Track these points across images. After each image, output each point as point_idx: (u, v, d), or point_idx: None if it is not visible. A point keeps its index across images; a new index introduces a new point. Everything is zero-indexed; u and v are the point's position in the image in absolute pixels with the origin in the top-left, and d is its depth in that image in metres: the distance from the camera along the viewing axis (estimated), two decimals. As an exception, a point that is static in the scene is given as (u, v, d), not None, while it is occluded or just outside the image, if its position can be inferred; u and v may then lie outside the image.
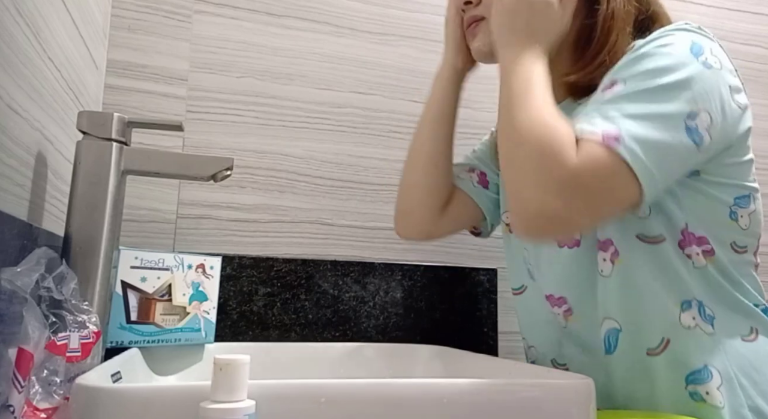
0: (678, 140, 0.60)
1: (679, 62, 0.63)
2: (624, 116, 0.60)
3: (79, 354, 0.54)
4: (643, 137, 0.59)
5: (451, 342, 0.98)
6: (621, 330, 0.69)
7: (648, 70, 0.63)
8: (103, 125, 0.67)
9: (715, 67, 0.64)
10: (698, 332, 0.66)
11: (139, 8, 0.99)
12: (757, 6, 1.35)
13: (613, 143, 0.58)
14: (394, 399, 0.48)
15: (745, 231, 0.69)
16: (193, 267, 0.78)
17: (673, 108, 0.60)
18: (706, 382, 0.64)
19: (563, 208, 0.59)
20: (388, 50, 1.11)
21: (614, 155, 0.58)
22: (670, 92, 0.61)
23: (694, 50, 0.64)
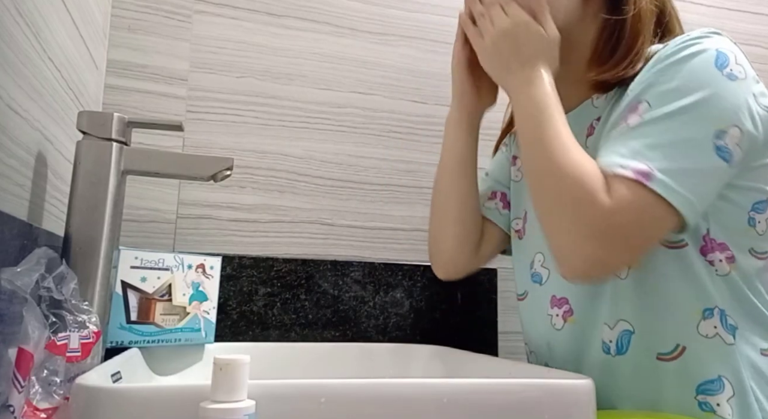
0: (708, 162, 0.60)
1: (703, 80, 0.62)
2: (651, 148, 0.60)
3: (79, 354, 0.54)
4: (674, 168, 0.59)
5: (451, 342, 0.98)
6: (634, 332, 0.68)
7: (671, 90, 0.62)
8: (103, 125, 0.67)
9: (740, 78, 0.63)
10: (717, 341, 0.65)
11: (139, 8, 0.99)
12: (757, 6, 1.35)
13: (644, 179, 0.58)
14: (394, 399, 0.48)
15: (762, 236, 0.68)
16: (193, 267, 0.78)
17: (700, 131, 0.60)
18: (718, 393, 0.64)
19: (602, 251, 0.59)
20: (388, 50, 1.11)
21: (648, 192, 0.58)
22: (695, 114, 0.61)
23: (718, 63, 0.63)
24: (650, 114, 0.62)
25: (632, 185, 0.59)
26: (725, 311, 0.66)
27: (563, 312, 0.75)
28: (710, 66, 0.63)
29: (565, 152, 0.63)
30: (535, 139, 0.65)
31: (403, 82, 1.10)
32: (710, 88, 0.62)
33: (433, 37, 1.13)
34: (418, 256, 1.05)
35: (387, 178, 1.07)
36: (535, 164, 0.66)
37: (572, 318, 0.74)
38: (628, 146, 0.61)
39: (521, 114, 0.69)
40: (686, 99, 0.61)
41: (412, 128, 1.10)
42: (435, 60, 1.12)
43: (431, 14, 1.13)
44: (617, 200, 0.59)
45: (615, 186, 0.59)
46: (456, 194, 0.86)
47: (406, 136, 1.09)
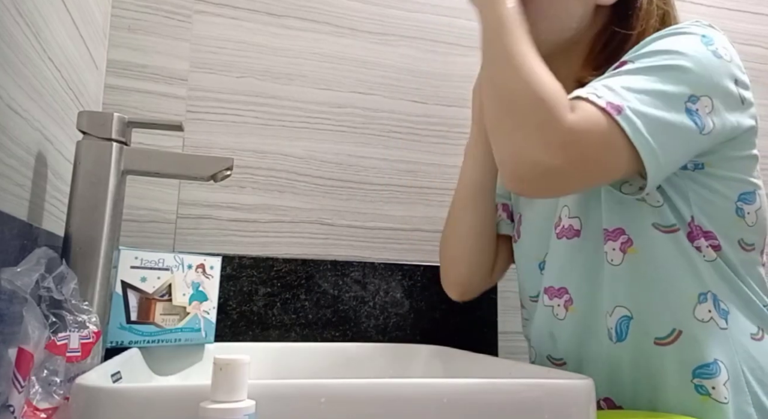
0: (679, 120, 0.61)
1: (688, 47, 0.64)
2: (627, 89, 0.61)
3: (79, 354, 0.54)
4: (644, 111, 0.59)
5: (451, 342, 0.98)
6: (632, 318, 0.69)
7: (656, 50, 0.64)
8: (103, 125, 0.67)
9: (724, 58, 0.65)
10: (712, 325, 0.66)
11: (139, 8, 0.99)
12: (757, 6, 1.35)
13: (614, 111, 0.59)
14: (394, 399, 0.48)
15: (752, 228, 0.69)
16: (193, 267, 0.78)
17: (675, 88, 0.61)
18: (714, 377, 0.64)
19: (559, 164, 0.59)
20: (388, 50, 1.11)
21: (614, 123, 0.59)
22: (674, 72, 0.62)
23: (704, 40, 0.65)
24: (630, 66, 0.63)
25: (601, 112, 0.59)
26: (717, 295, 0.67)
27: (564, 302, 0.75)
28: (696, 41, 0.65)
29: (531, 66, 0.62)
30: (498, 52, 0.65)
31: (403, 82, 1.10)
32: (693, 56, 0.63)
33: (433, 37, 1.13)
34: (418, 256, 1.05)
35: (387, 178, 1.07)
36: (495, 76, 0.65)
37: (573, 307, 0.74)
38: (606, 84, 0.62)
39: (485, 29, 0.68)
40: (667, 60, 0.63)
41: (412, 128, 1.10)
42: (435, 60, 1.12)
43: (431, 14, 1.13)
44: (581, 118, 0.59)
45: (583, 107, 0.60)
46: (475, 223, 0.86)
47: (406, 136, 1.09)
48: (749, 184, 0.69)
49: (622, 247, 0.69)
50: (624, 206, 0.69)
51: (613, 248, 0.70)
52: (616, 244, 0.70)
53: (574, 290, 0.74)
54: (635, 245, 0.69)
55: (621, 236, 0.70)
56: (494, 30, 0.66)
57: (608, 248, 0.71)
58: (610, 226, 0.70)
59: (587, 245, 0.73)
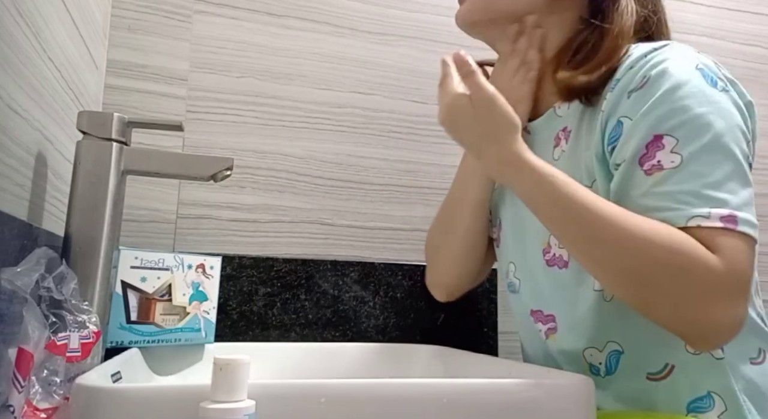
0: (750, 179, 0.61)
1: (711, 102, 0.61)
2: (715, 188, 0.58)
3: (79, 354, 0.54)
4: (744, 201, 0.58)
5: (451, 342, 0.98)
6: (623, 353, 0.67)
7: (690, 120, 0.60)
8: (103, 125, 0.67)
9: (727, 89, 0.64)
10: (705, 357, 0.64)
11: (139, 8, 0.99)
12: (757, 6, 1.35)
13: (733, 225, 0.57)
14: (394, 399, 0.48)
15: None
16: (193, 267, 0.78)
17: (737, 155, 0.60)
18: (708, 410, 0.63)
19: (743, 310, 0.57)
20: (388, 50, 1.11)
21: (742, 236, 0.57)
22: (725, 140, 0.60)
23: (708, 80, 0.63)
24: (686, 150, 0.59)
25: (726, 235, 0.56)
26: None
27: (547, 329, 0.75)
28: (706, 86, 0.62)
29: (630, 219, 0.58)
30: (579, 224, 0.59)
31: (403, 82, 1.10)
32: (722, 111, 0.61)
33: (433, 37, 1.13)
34: (418, 256, 1.05)
35: (387, 178, 1.07)
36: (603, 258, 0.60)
37: (554, 336, 0.74)
38: (689, 192, 0.58)
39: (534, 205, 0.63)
40: (712, 127, 0.60)
41: (412, 128, 1.10)
42: (435, 60, 1.11)
43: (431, 14, 1.13)
44: (726, 256, 0.56)
45: (712, 240, 0.56)
46: (472, 234, 0.85)
47: (406, 136, 1.09)
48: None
49: None
50: None
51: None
52: None
53: (560, 319, 0.73)
54: None
55: None
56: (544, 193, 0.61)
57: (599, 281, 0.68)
58: None
59: (575, 277, 0.70)
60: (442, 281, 0.91)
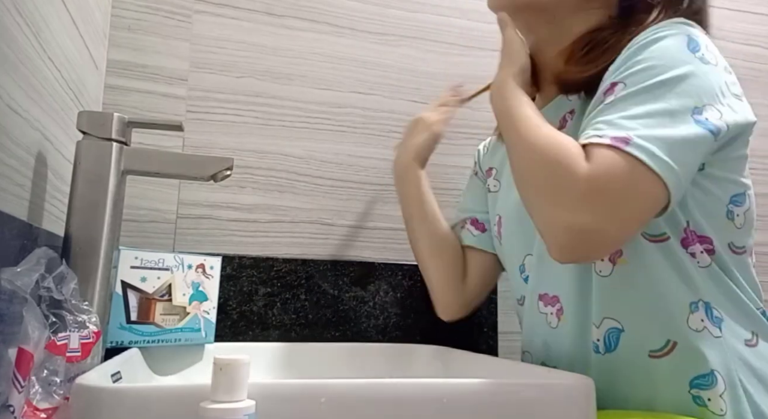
0: (692, 131, 0.59)
1: (677, 58, 0.62)
2: (629, 118, 0.59)
3: (79, 354, 0.54)
4: (653, 134, 0.58)
5: (451, 342, 0.98)
6: (623, 331, 0.68)
7: (646, 67, 0.62)
8: (103, 125, 0.67)
9: (711, 63, 0.63)
10: (706, 334, 0.65)
11: (139, 8, 0.99)
12: (757, 6, 1.35)
13: (622, 145, 0.57)
14: (394, 399, 0.48)
15: (740, 230, 0.68)
16: (193, 267, 0.78)
17: (677, 104, 0.60)
18: (711, 388, 0.63)
19: (586, 219, 0.57)
20: (388, 50, 1.11)
21: (627, 156, 0.57)
22: (671, 88, 0.60)
23: (690, 46, 0.63)
24: (626, 90, 0.61)
25: (609, 150, 0.57)
26: (710, 303, 0.66)
27: (556, 311, 0.75)
28: (683, 47, 0.63)
29: (537, 128, 0.63)
30: (509, 124, 0.67)
31: (403, 82, 1.10)
32: (686, 68, 0.61)
33: (433, 37, 1.13)
34: (418, 256, 1.05)
35: (387, 178, 1.07)
36: (511, 148, 0.67)
37: (563, 316, 0.74)
38: (604, 120, 0.60)
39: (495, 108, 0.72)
40: (662, 76, 0.61)
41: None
42: (435, 60, 1.12)
43: (431, 14, 1.13)
44: (595, 165, 0.57)
45: (593, 152, 0.58)
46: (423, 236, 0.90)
47: (406, 136, 1.09)
48: (740, 185, 0.68)
49: (611, 258, 0.68)
50: None
51: (601, 259, 0.69)
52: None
53: (565, 299, 0.74)
54: (625, 255, 0.67)
55: None
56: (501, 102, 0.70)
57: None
58: None
59: None
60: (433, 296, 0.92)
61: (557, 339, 0.75)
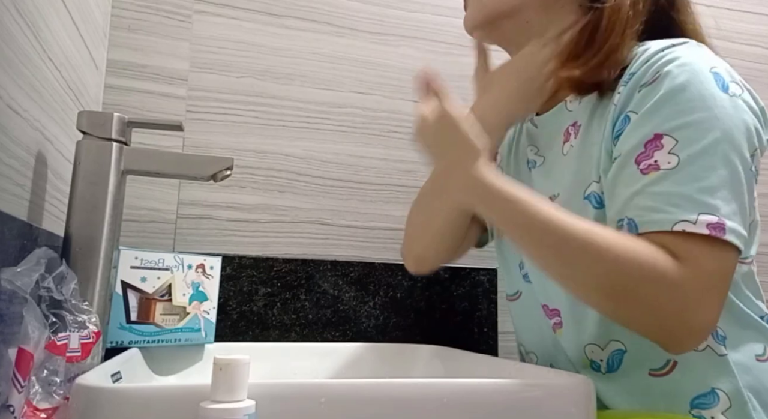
0: (750, 190, 0.60)
1: (719, 107, 0.60)
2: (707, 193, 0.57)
3: (79, 354, 0.54)
4: (734, 210, 0.58)
5: (451, 342, 0.98)
6: (626, 351, 0.67)
7: (693, 122, 0.59)
8: (103, 125, 0.67)
9: (738, 95, 0.63)
10: (708, 353, 0.64)
11: (139, 8, 0.99)
12: (757, 6, 1.35)
13: (719, 233, 0.56)
14: (394, 399, 0.48)
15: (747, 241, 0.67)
16: (193, 267, 0.78)
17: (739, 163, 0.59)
18: (712, 407, 0.63)
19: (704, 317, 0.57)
20: (388, 50, 1.11)
21: (723, 244, 0.57)
22: (728, 146, 0.59)
23: (720, 84, 0.62)
24: (685, 152, 0.59)
25: (707, 241, 0.56)
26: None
27: (554, 324, 0.75)
28: (717, 90, 0.61)
29: (596, 239, 0.58)
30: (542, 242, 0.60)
31: (403, 82, 1.10)
32: (729, 115, 0.60)
33: (433, 37, 1.13)
34: (418, 256, 1.05)
35: (387, 178, 1.07)
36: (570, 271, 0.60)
37: (561, 330, 0.74)
38: (681, 194, 0.58)
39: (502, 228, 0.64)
40: (714, 131, 0.59)
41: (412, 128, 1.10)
42: (435, 60, 1.12)
43: (431, 14, 1.13)
44: (695, 262, 0.56)
45: (688, 247, 0.56)
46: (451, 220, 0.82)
47: (406, 136, 1.09)
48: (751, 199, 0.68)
49: None
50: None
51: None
52: None
53: (565, 314, 0.73)
54: None
55: None
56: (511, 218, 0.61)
57: None
58: None
59: None
60: (415, 251, 0.87)
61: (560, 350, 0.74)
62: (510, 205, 0.61)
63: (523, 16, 0.75)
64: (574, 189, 0.70)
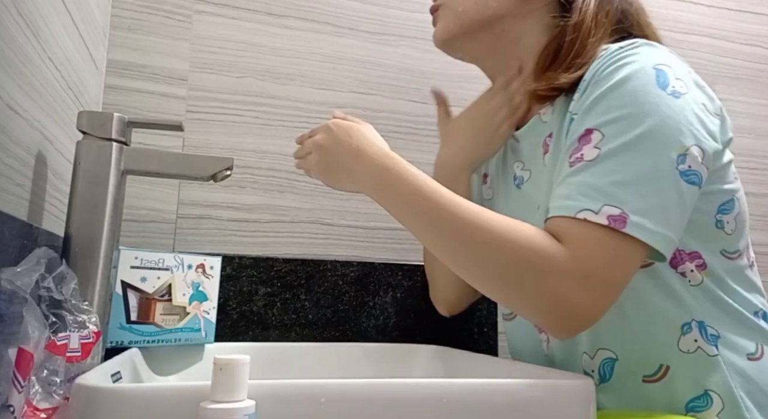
0: (678, 192, 0.59)
1: (651, 103, 0.60)
2: (619, 185, 0.57)
3: (79, 354, 0.54)
4: (647, 207, 0.57)
5: (451, 342, 0.98)
6: (617, 359, 0.67)
7: (621, 116, 0.60)
8: (103, 125, 0.67)
9: (683, 93, 0.62)
10: (700, 355, 0.64)
11: (139, 8, 0.99)
12: (757, 6, 1.35)
13: (620, 226, 0.56)
14: (394, 399, 0.48)
15: (732, 236, 0.68)
16: (193, 267, 0.78)
17: (662, 159, 0.58)
18: (706, 409, 0.63)
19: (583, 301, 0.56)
20: (388, 50, 1.11)
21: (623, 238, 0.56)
22: (652, 141, 0.59)
23: (659, 82, 0.61)
24: (607, 146, 0.59)
25: (606, 232, 0.56)
26: (704, 321, 0.65)
27: (547, 337, 0.75)
28: (653, 87, 0.61)
29: (481, 219, 0.59)
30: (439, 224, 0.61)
31: (403, 82, 1.10)
32: (660, 112, 0.59)
33: (433, 37, 1.13)
34: (418, 256, 1.05)
35: (387, 178, 1.07)
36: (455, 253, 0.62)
37: (550, 345, 0.74)
38: (592, 185, 0.59)
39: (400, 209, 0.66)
40: (640, 127, 0.59)
41: (412, 128, 1.10)
42: (435, 60, 1.12)
43: (431, 14, 1.13)
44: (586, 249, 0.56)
45: (584, 235, 0.57)
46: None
47: (406, 136, 1.09)
48: (726, 192, 0.67)
49: None
50: None
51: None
52: None
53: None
54: None
55: None
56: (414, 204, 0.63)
57: None
58: None
59: None
60: (442, 297, 0.93)
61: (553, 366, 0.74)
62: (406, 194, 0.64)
63: (500, 25, 0.75)
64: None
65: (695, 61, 1.26)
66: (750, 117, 1.28)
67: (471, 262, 0.61)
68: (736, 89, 1.28)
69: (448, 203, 0.61)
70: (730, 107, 1.26)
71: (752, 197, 1.25)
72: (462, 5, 0.76)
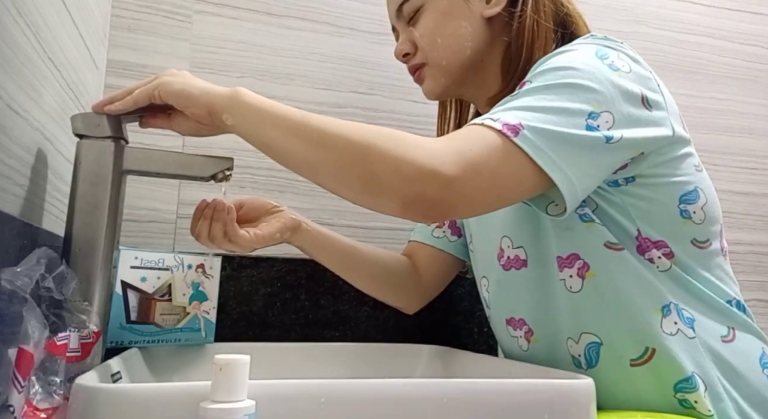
0: (581, 133, 0.59)
1: (583, 62, 0.63)
2: (525, 109, 0.59)
3: (79, 354, 0.54)
4: (544, 128, 0.58)
5: (451, 342, 0.98)
6: (602, 344, 0.68)
7: (553, 68, 0.63)
8: (98, 126, 0.67)
9: (622, 70, 0.64)
10: (681, 337, 0.65)
11: (139, 8, 0.99)
12: (757, 6, 1.35)
13: (512, 134, 0.57)
14: (394, 399, 0.48)
15: (701, 225, 0.68)
16: (193, 267, 0.78)
17: (575, 105, 0.60)
18: (695, 390, 0.63)
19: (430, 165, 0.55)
20: (388, 50, 1.10)
21: (511, 146, 0.57)
22: (573, 91, 0.61)
23: (599, 54, 0.64)
24: (530, 86, 0.62)
25: (496, 133, 0.57)
26: (679, 305, 0.66)
27: (524, 333, 0.75)
28: (591, 56, 0.64)
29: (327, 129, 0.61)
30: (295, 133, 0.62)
31: (403, 82, 1.10)
32: (588, 72, 0.62)
33: (433, 37, 1.13)
34: (418, 256, 1.05)
35: (387, 178, 1.07)
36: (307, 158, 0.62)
37: (534, 337, 0.74)
38: (501, 107, 0.61)
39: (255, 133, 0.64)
40: (567, 79, 0.61)
41: (412, 128, 1.10)
42: (435, 60, 1.12)
43: (431, 14, 1.13)
44: (462, 138, 0.57)
45: (470, 127, 0.59)
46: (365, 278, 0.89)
47: (406, 136, 1.09)
48: (687, 183, 0.68)
49: (579, 272, 0.68)
50: (574, 230, 0.68)
51: (570, 275, 0.69)
52: (572, 270, 0.68)
53: (532, 320, 0.73)
54: (592, 268, 0.67)
55: (576, 262, 0.68)
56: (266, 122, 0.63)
57: (565, 276, 0.69)
58: (564, 252, 0.69)
59: (537, 273, 0.72)
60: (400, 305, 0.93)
61: (532, 361, 0.74)
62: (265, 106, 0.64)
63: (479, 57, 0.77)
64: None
65: (695, 61, 1.27)
66: (750, 117, 1.28)
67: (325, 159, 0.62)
68: (736, 89, 1.28)
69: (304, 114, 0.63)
70: (730, 107, 1.26)
71: (752, 197, 1.25)
72: (444, 59, 0.76)
